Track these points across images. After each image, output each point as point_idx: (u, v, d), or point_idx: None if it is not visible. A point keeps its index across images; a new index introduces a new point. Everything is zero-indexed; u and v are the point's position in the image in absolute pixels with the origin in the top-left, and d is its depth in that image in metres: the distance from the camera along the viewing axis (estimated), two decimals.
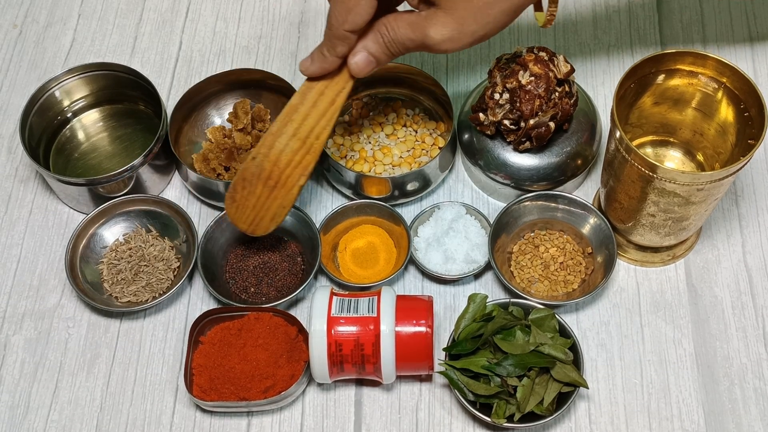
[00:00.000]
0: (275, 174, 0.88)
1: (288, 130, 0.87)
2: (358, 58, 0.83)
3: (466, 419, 0.89)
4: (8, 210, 1.03)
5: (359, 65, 0.83)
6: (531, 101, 0.90)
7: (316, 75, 0.85)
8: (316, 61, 0.84)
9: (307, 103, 0.86)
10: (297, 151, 0.87)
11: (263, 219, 0.90)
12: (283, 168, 0.87)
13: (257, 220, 0.90)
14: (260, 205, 0.89)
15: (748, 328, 0.93)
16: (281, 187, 0.88)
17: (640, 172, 0.83)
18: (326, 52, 0.83)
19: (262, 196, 0.89)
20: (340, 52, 0.82)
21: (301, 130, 0.86)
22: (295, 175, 0.88)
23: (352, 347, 0.84)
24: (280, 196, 0.89)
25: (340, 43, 0.81)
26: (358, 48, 0.82)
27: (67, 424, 0.90)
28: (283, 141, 0.87)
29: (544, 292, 0.95)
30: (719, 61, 0.86)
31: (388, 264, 0.97)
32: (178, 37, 1.15)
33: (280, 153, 0.87)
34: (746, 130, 0.86)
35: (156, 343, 0.94)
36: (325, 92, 0.86)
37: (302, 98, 0.86)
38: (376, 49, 0.82)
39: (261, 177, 0.88)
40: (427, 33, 0.80)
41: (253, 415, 0.90)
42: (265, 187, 0.89)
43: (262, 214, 0.90)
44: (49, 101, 1.03)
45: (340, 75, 0.85)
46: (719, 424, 0.88)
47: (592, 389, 0.90)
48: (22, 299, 0.97)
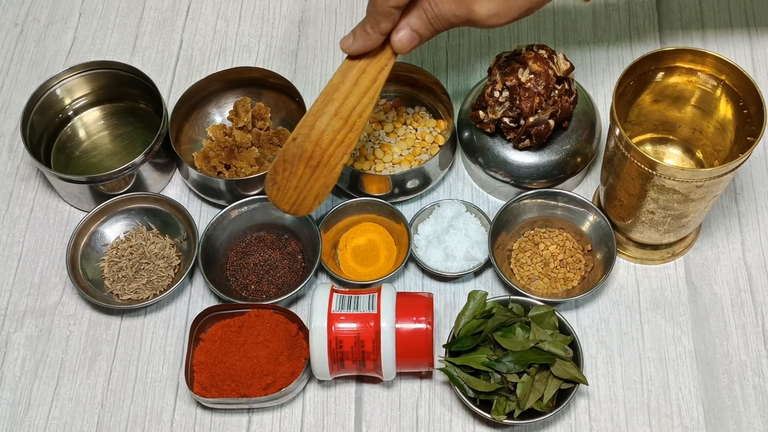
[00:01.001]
0: (317, 154, 0.86)
1: (329, 109, 0.85)
2: (402, 34, 0.81)
3: (466, 416, 0.89)
4: (9, 208, 1.03)
5: (402, 42, 0.81)
6: (531, 99, 0.91)
7: (358, 53, 0.83)
8: (358, 38, 0.82)
9: (349, 82, 0.84)
10: (339, 130, 0.85)
11: (306, 199, 0.89)
12: (326, 147, 0.86)
13: (300, 200, 0.89)
14: (302, 185, 0.88)
15: (748, 325, 0.93)
16: (324, 167, 0.87)
17: (639, 169, 0.83)
18: (369, 29, 0.81)
19: (304, 176, 0.88)
20: (384, 29, 0.80)
21: (342, 109, 0.85)
22: (338, 154, 0.86)
23: (353, 344, 0.85)
24: (323, 175, 0.87)
25: (384, 20, 0.80)
26: (402, 24, 0.81)
27: (68, 421, 0.90)
28: (324, 121, 0.85)
29: (544, 289, 0.95)
30: (718, 59, 0.86)
31: (388, 261, 0.97)
32: (178, 36, 1.15)
33: (321, 133, 0.86)
34: (745, 128, 0.86)
35: (157, 341, 0.94)
36: (366, 70, 0.84)
37: (343, 77, 0.84)
38: (420, 26, 0.81)
39: (302, 158, 0.87)
40: (473, 8, 0.78)
41: (254, 412, 0.90)
42: (307, 168, 0.87)
43: (304, 194, 0.89)
44: (50, 99, 1.03)
45: (382, 52, 0.83)
46: (719, 421, 0.88)
47: (592, 386, 0.90)
48: (24, 297, 0.97)
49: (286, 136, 1.03)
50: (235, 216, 0.97)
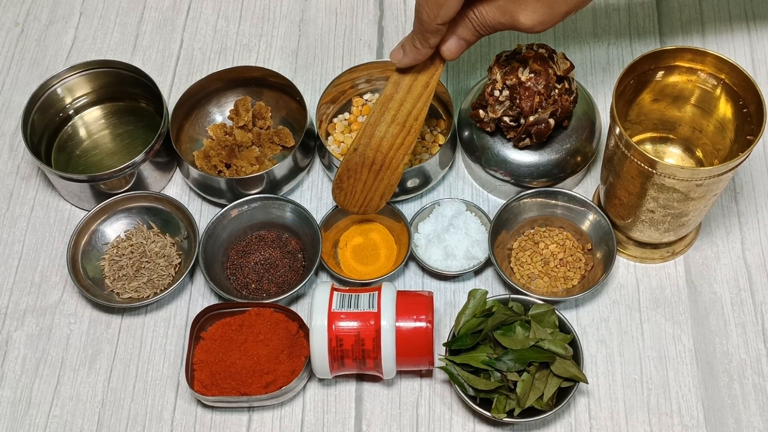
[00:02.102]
0: (379, 159, 0.91)
1: (386, 118, 0.89)
2: (450, 43, 0.84)
3: (466, 414, 0.89)
4: (10, 207, 1.03)
5: (451, 50, 0.85)
6: (531, 98, 0.91)
7: (408, 66, 0.87)
8: (408, 53, 0.86)
9: (402, 91, 0.89)
10: (398, 135, 0.90)
11: (372, 199, 0.94)
12: (386, 152, 0.91)
13: (367, 201, 0.94)
14: (368, 188, 0.93)
15: (748, 324, 0.93)
16: (387, 169, 0.92)
17: (639, 168, 0.84)
18: (418, 44, 0.84)
19: (368, 180, 0.92)
20: (433, 44, 0.84)
21: (399, 116, 0.89)
22: (398, 156, 0.91)
23: (353, 342, 0.85)
24: (386, 176, 0.92)
25: (432, 36, 0.83)
26: (448, 35, 0.84)
27: (68, 420, 0.90)
28: (382, 129, 0.90)
29: (544, 288, 0.95)
30: (718, 58, 0.86)
31: (388, 260, 0.97)
32: (179, 35, 1.15)
33: (381, 140, 0.90)
34: (745, 127, 0.86)
35: (157, 339, 0.94)
36: (418, 77, 0.88)
37: (396, 87, 0.89)
38: (467, 34, 0.84)
39: (365, 164, 0.91)
40: (517, 18, 0.81)
41: (254, 410, 0.90)
42: (371, 172, 0.92)
43: (371, 196, 0.94)
44: (51, 98, 1.04)
45: (431, 61, 0.87)
46: (718, 420, 0.88)
47: (592, 384, 0.90)
48: (24, 295, 0.97)
49: (286, 135, 1.03)
50: (236, 215, 0.98)
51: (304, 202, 1.02)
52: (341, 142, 1.03)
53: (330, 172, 1.01)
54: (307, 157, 1.02)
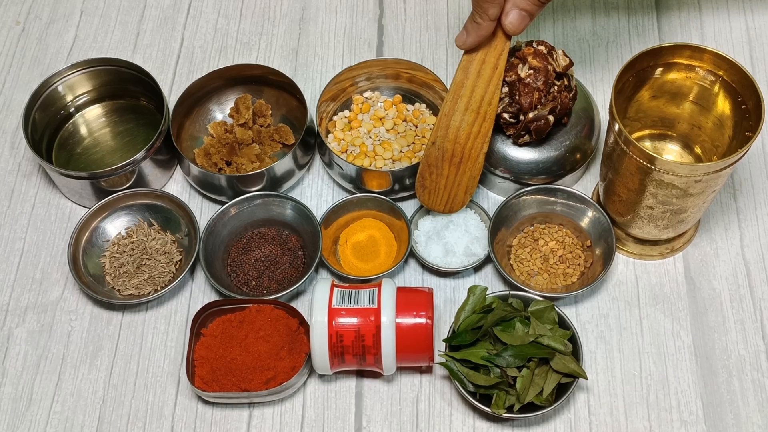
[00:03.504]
0: (458, 151, 0.90)
1: (459, 106, 0.89)
2: (512, 16, 0.84)
3: (466, 410, 0.89)
4: (11, 204, 1.03)
5: (514, 23, 0.84)
6: (530, 94, 0.91)
7: (474, 46, 0.86)
8: (471, 31, 0.85)
9: (472, 76, 0.88)
10: (473, 122, 0.89)
11: (457, 195, 0.93)
12: (464, 142, 0.90)
13: (452, 197, 0.93)
14: (451, 183, 0.92)
15: (746, 320, 0.93)
16: (467, 161, 0.91)
17: (638, 164, 0.84)
18: (478, 19, 0.84)
19: (450, 174, 0.91)
20: (493, 15, 0.83)
21: (472, 103, 0.88)
22: (477, 145, 0.90)
23: (353, 338, 0.85)
24: (468, 168, 0.91)
25: (490, 6, 0.83)
26: (508, 7, 0.84)
27: (69, 416, 0.90)
28: (457, 118, 0.89)
29: (544, 284, 0.95)
30: (717, 54, 0.87)
31: (388, 257, 0.97)
32: (179, 34, 1.16)
33: (457, 130, 0.89)
34: (743, 123, 0.86)
35: (158, 336, 0.95)
36: (486, 60, 0.87)
37: (465, 73, 0.88)
38: (527, 4, 0.83)
39: (445, 158, 0.90)
40: None
41: (255, 406, 0.90)
42: (452, 166, 0.91)
43: (455, 191, 0.93)
44: (52, 96, 1.04)
45: (496, 39, 0.87)
46: (717, 416, 0.89)
47: (591, 380, 0.91)
48: (25, 292, 0.98)
49: (286, 132, 1.03)
50: (236, 212, 0.98)
51: (305, 199, 1.02)
52: (341, 139, 1.03)
53: (330, 170, 1.01)
54: (308, 155, 1.02)
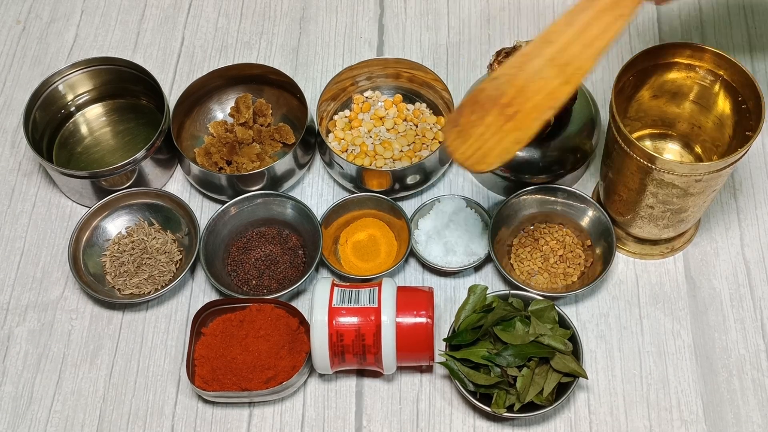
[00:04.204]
0: (517, 101, 0.74)
1: (545, 52, 0.73)
2: None
3: (466, 409, 0.89)
4: (12, 203, 1.03)
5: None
6: None
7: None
8: None
9: (576, 26, 0.73)
10: (551, 78, 0.73)
11: (489, 154, 0.76)
12: (530, 96, 0.74)
13: (480, 153, 0.77)
14: (489, 135, 0.76)
15: (747, 319, 0.93)
16: (522, 118, 0.74)
17: (639, 163, 0.84)
18: None
19: (493, 125, 0.75)
20: None
21: (560, 57, 0.73)
22: (542, 106, 0.74)
23: (353, 337, 0.85)
24: (516, 128, 0.75)
25: None
26: None
27: (70, 415, 0.90)
28: (536, 65, 0.73)
29: (544, 284, 0.95)
30: (717, 54, 0.87)
31: (389, 257, 0.97)
32: (180, 33, 1.16)
33: (529, 78, 0.73)
34: (744, 123, 0.86)
35: (158, 335, 0.95)
36: (600, 17, 0.72)
37: (570, 19, 0.73)
38: None
39: (498, 102, 0.75)
40: None
41: (255, 405, 0.90)
42: (501, 115, 0.75)
43: (489, 147, 0.76)
44: (53, 95, 1.04)
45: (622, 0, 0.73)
46: (717, 415, 0.89)
47: (592, 380, 0.91)
48: (26, 291, 0.98)
49: (287, 132, 1.04)
50: (236, 211, 0.98)
51: (305, 198, 1.02)
52: (342, 139, 1.03)
53: (330, 169, 1.01)
54: (308, 154, 1.02)
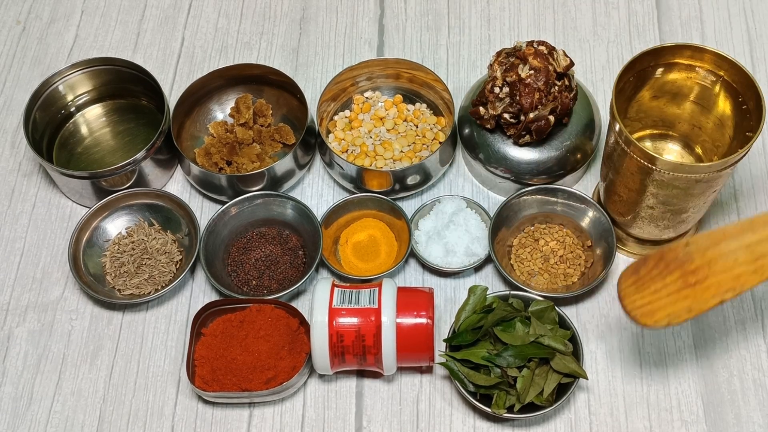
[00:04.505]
0: (702, 272, 0.75)
1: (745, 237, 0.74)
2: None
3: (466, 410, 0.89)
4: (12, 203, 1.03)
5: None
6: (530, 95, 0.91)
7: None
8: None
9: None
10: (741, 263, 0.74)
11: (658, 311, 0.77)
12: (716, 271, 0.75)
13: (651, 307, 0.78)
14: (664, 294, 0.77)
15: (747, 320, 0.93)
16: (699, 290, 0.75)
17: (639, 164, 0.84)
18: None
19: (671, 286, 0.77)
20: None
21: (758, 247, 0.74)
22: (723, 286, 0.75)
23: (354, 338, 0.85)
24: (692, 297, 0.76)
25: None
26: None
27: (70, 415, 0.90)
28: (732, 245, 0.75)
29: (544, 284, 0.95)
30: (717, 55, 0.86)
31: (389, 257, 0.97)
32: (180, 33, 1.16)
33: (721, 254, 0.75)
34: (744, 123, 0.86)
35: (158, 335, 0.95)
36: None
37: None
38: None
39: (683, 267, 0.76)
40: None
41: (255, 406, 0.90)
42: (681, 280, 0.76)
43: (660, 305, 0.77)
44: (53, 96, 1.04)
45: None
46: (718, 415, 0.89)
47: (592, 380, 0.90)
48: (26, 292, 0.98)
49: (287, 132, 1.03)
50: (237, 212, 0.98)
51: (305, 199, 1.02)
52: (342, 139, 1.03)
53: (330, 170, 1.01)
54: (308, 155, 1.02)
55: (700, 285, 0.76)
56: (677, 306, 0.77)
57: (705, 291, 0.76)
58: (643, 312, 0.78)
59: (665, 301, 0.77)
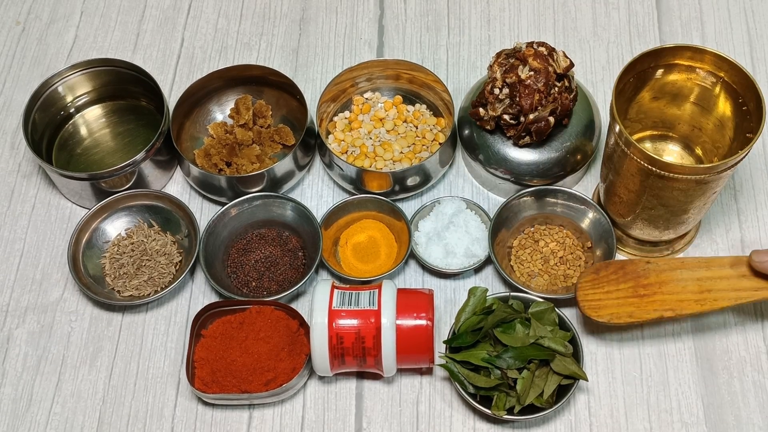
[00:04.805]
0: (652, 289, 0.87)
1: (697, 273, 0.86)
2: None
3: (466, 412, 0.89)
4: (11, 205, 1.03)
5: None
6: (530, 96, 0.91)
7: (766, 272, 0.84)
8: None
9: (736, 272, 0.86)
10: (687, 291, 0.86)
11: (604, 309, 0.87)
12: (665, 292, 0.86)
13: (599, 304, 0.88)
14: (614, 297, 0.87)
15: (747, 321, 0.93)
16: (644, 302, 0.86)
17: (639, 165, 0.84)
18: None
19: (621, 292, 0.87)
20: None
21: (707, 283, 0.86)
22: (666, 304, 0.86)
23: (353, 340, 0.85)
24: (636, 306, 0.87)
25: None
26: None
27: (69, 417, 0.90)
28: (684, 275, 0.86)
29: (544, 286, 0.95)
30: (717, 56, 0.86)
31: (389, 258, 0.97)
32: (180, 34, 1.15)
33: (673, 279, 0.86)
34: (744, 125, 0.86)
35: (158, 337, 0.94)
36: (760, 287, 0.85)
37: (735, 263, 0.86)
38: None
39: (638, 280, 0.87)
40: None
41: (255, 407, 0.90)
42: (632, 290, 0.87)
43: (607, 304, 0.87)
44: (52, 97, 1.04)
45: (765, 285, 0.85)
46: (718, 417, 0.88)
47: (592, 382, 0.90)
48: (25, 293, 0.97)
49: (287, 133, 1.03)
50: (236, 213, 0.98)
51: (305, 200, 1.02)
52: (342, 140, 1.03)
53: (330, 171, 1.01)
54: (308, 156, 1.02)
55: (647, 298, 0.87)
56: (621, 309, 0.87)
57: (649, 304, 0.86)
58: (590, 306, 0.88)
59: (613, 302, 0.87)
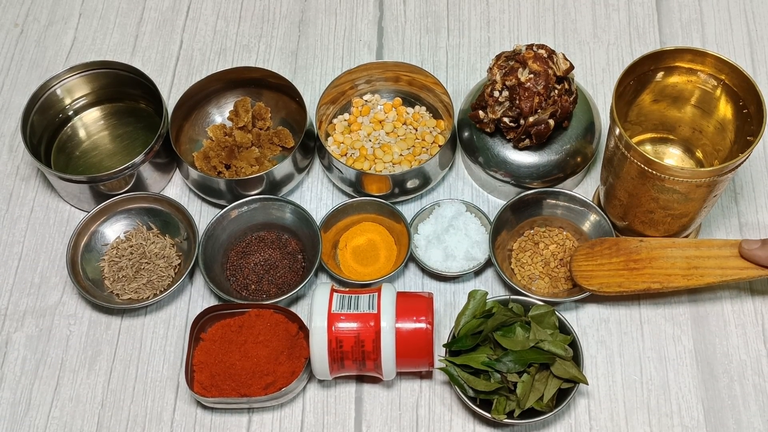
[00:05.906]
0: (642, 264, 0.89)
1: (686, 251, 0.89)
2: None
3: (466, 415, 0.89)
4: (9, 208, 1.03)
5: None
6: (530, 98, 0.91)
7: (760, 263, 0.86)
8: None
9: (724, 252, 0.88)
10: (675, 267, 0.89)
11: (594, 278, 0.91)
12: (654, 267, 0.89)
13: (590, 274, 0.91)
14: (606, 269, 0.91)
15: (748, 325, 0.93)
16: (634, 275, 0.90)
17: (639, 168, 0.84)
18: None
19: (614, 265, 0.90)
20: None
21: (695, 261, 0.88)
22: (653, 278, 0.89)
23: (353, 344, 0.85)
24: (628, 279, 0.90)
25: None
26: None
27: (68, 421, 0.90)
28: (674, 252, 0.89)
29: (545, 289, 0.95)
30: (718, 58, 0.86)
31: (388, 261, 0.97)
32: (178, 36, 1.15)
33: (662, 256, 0.89)
34: (745, 127, 0.86)
35: (157, 340, 0.94)
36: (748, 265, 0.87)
37: (725, 246, 0.88)
38: None
39: (630, 256, 0.90)
40: None
41: (254, 411, 0.90)
42: (623, 263, 0.90)
43: (598, 275, 0.91)
44: (51, 99, 1.04)
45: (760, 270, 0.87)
46: (719, 421, 0.88)
47: (592, 386, 0.90)
48: (24, 297, 0.97)
49: (286, 135, 1.03)
50: (235, 216, 0.98)
51: (304, 203, 1.02)
52: (341, 142, 1.03)
53: (330, 173, 1.01)
54: (307, 158, 1.01)
55: (636, 271, 0.90)
56: (611, 280, 0.90)
57: (638, 276, 0.90)
58: (583, 275, 0.91)
59: (605, 273, 0.91)
